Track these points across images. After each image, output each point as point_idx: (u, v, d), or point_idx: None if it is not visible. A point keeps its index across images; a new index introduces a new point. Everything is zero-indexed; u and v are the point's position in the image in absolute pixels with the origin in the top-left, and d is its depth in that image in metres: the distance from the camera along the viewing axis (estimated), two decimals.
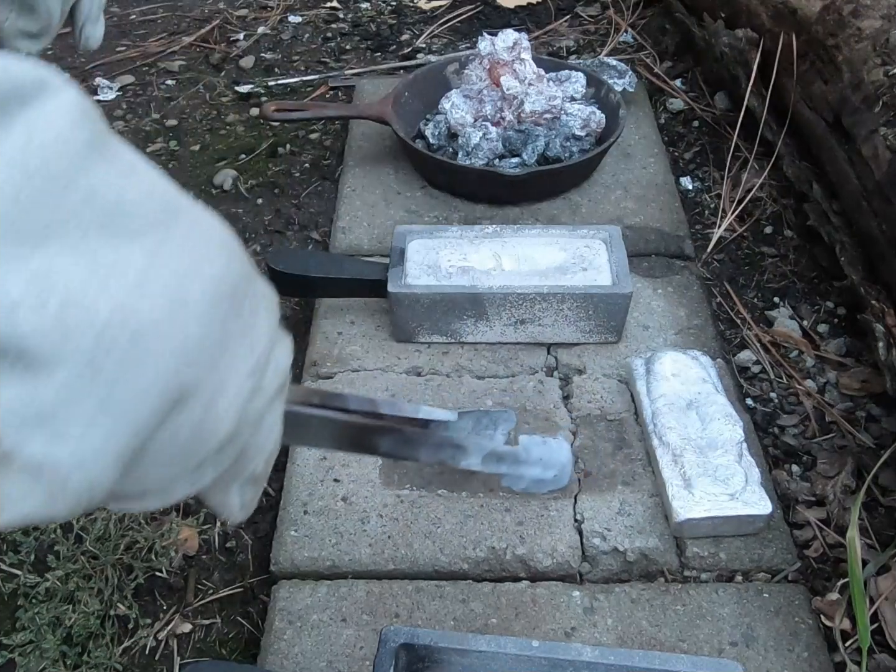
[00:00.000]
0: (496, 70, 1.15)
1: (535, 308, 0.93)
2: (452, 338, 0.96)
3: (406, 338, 0.96)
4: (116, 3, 1.75)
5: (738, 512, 0.77)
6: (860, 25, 1.05)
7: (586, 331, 0.95)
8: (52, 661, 0.73)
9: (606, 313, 0.94)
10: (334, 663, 0.70)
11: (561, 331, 0.95)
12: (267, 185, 1.26)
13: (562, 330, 0.95)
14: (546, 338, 0.96)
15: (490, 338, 0.96)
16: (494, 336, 0.96)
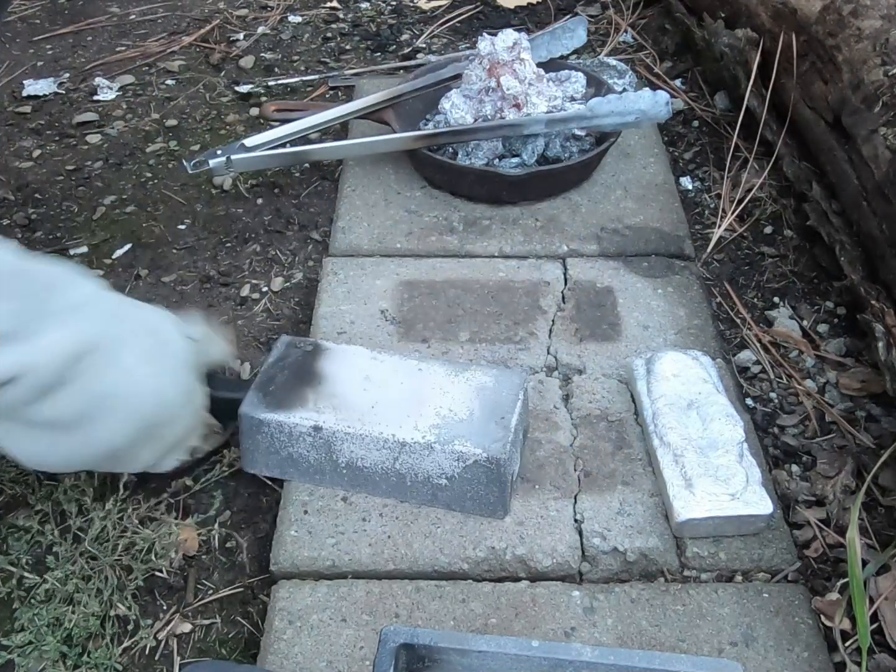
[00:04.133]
0: (496, 70, 1.14)
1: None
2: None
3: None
4: (116, 3, 1.75)
5: (739, 512, 0.77)
6: (860, 25, 1.05)
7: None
8: (51, 662, 0.73)
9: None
10: (334, 663, 0.70)
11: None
12: (267, 185, 1.26)
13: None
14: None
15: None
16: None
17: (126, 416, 0.75)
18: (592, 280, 1.05)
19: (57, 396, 0.70)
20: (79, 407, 0.72)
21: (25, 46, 1.62)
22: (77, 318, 0.71)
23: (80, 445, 0.75)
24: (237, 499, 0.87)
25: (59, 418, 0.72)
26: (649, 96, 1.13)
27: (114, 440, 0.75)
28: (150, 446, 0.79)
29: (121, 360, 0.74)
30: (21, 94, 1.47)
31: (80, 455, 0.76)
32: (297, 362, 0.85)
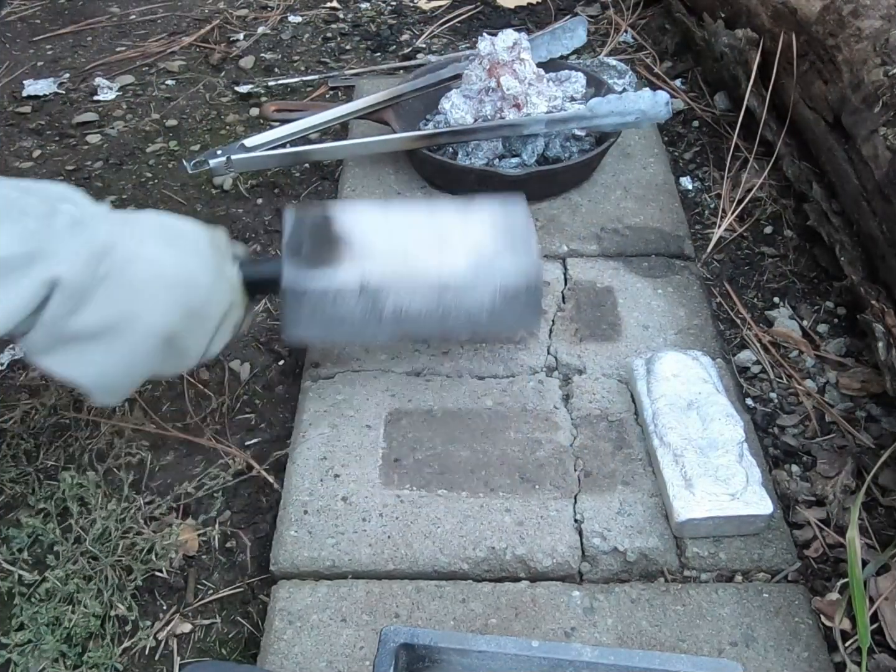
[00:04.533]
0: (496, 70, 1.14)
1: None
2: None
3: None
4: (116, 3, 1.75)
5: (739, 512, 0.77)
6: (860, 25, 1.05)
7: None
8: (51, 661, 0.73)
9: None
10: (334, 663, 0.70)
11: None
12: (267, 185, 1.26)
13: None
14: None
15: None
16: None
17: (163, 300, 0.76)
18: (592, 280, 1.05)
19: (93, 301, 0.72)
20: (116, 306, 0.74)
21: (25, 46, 1.62)
22: (87, 225, 0.73)
23: (130, 346, 0.76)
24: (237, 499, 0.87)
25: (103, 322, 0.74)
26: (649, 96, 1.14)
27: (159, 329, 0.76)
28: (198, 327, 0.80)
29: (142, 252, 0.76)
30: (21, 94, 1.48)
31: (134, 358, 0.77)
32: (315, 229, 0.86)
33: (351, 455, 0.85)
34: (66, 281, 0.70)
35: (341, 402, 0.91)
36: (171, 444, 0.91)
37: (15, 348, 1.02)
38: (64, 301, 0.71)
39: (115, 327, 0.75)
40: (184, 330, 0.79)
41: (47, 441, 0.92)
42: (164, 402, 0.95)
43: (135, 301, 0.75)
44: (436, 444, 0.87)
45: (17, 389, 0.97)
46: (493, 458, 0.85)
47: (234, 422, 0.94)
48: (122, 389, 0.81)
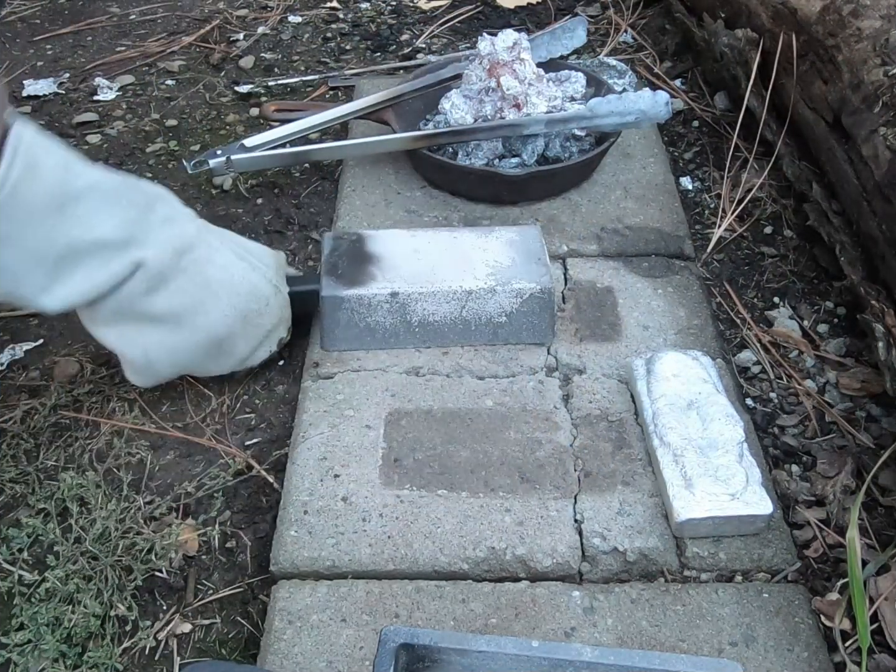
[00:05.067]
0: (496, 70, 1.15)
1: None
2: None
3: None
4: (116, 3, 1.75)
5: (739, 512, 0.77)
6: (860, 25, 1.05)
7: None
8: (50, 661, 0.73)
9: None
10: (334, 663, 0.70)
11: None
12: (267, 184, 1.26)
13: None
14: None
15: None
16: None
17: (226, 304, 0.86)
18: (592, 280, 1.05)
19: (167, 288, 0.83)
20: (185, 297, 0.84)
21: (25, 46, 1.62)
22: (177, 223, 0.84)
23: (186, 335, 0.86)
24: (237, 499, 0.87)
25: (169, 308, 0.84)
26: (649, 96, 1.14)
27: (217, 328, 0.87)
28: (246, 336, 0.90)
29: (216, 258, 0.86)
30: (21, 94, 1.48)
31: (186, 347, 0.87)
32: (350, 250, 0.99)
33: (351, 455, 0.86)
34: (150, 264, 0.81)
35: (341, 402, 0.91)
36: (171, 444, 0.91)
37: (15, 348, 1.02)
38: (144, 281, 0.81)
39: (180, 316, 0.85)
40: (236, 334, 0.89)
41: (47, 441, 0.92)
42: (164, 402, 0.95)
43: (204, 298, 0.85)
44: (436, 444, 0.87)
45: (17, 389, 0.97)
46: (493, 458, 0.85)
47: (234, 422, 0.94)
48: (160, 374, 0.90)
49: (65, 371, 0.98)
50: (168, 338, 0.86)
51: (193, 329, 0.86)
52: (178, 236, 0.83)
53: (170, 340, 0.86)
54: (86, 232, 0.77)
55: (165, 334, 0.85)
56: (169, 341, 0.86)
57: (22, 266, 0.77)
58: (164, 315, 0.84)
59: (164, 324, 0.85)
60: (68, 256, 0.78)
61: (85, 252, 0.78)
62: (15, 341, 1.03)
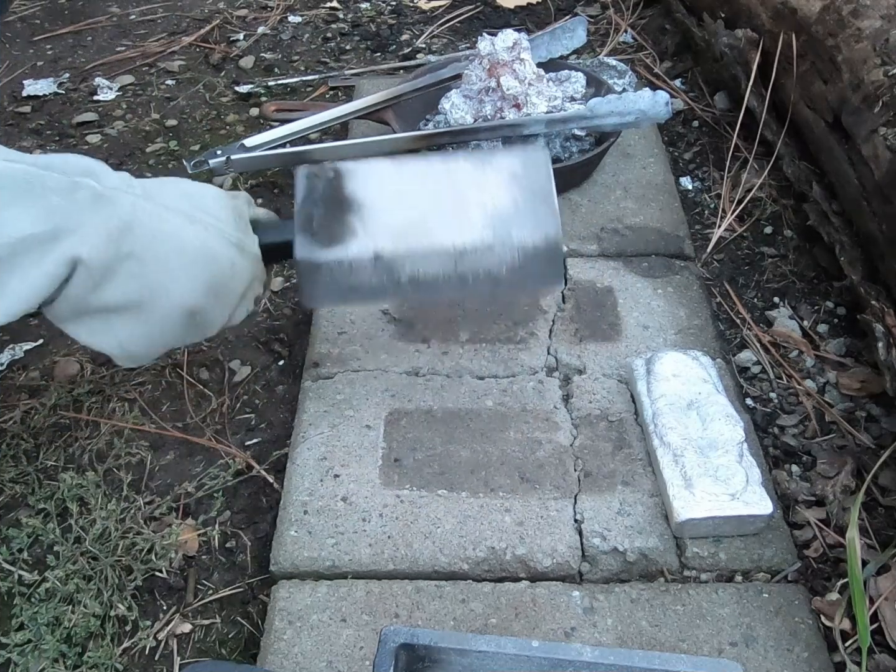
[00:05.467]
0: (496, 70, 1.14)
1: None
2: None
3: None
4: (116, 3, 1.75)
5: (739, 512, 0.77)
6: (860, 25, 1.05)
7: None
8: (50, 661, 0.73)
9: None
10: (334, 663, 0.70)
11: None
12: (267, 185, 1.26)
13: None
14: None
15: None
16: None
17: (186, 278, 0.77)
18: (592, 280, 1.05)
19: (115, 278, 0.74)
20: (138, 282, 0.75)
21: (25, 46, 1.62)
22: (108, 201, 0.73)
23: (153, 319, 0.77)
24: (237, 499, 0.87)
25: (125, 297, 0.75)
26: (649, 96, 1.14)
27: (183, 305, 0.78)
28: (217, 304, 0.81)
29: (164, 228, 0.76)
30: (21, 94, 1.48)
31: (158, 331, 0.79)
32: (327, 193, 0.84)
33: (351, 455, 0.85)
34: (88, 259, 0.71)
35: (341, 402, 0.91)
36: (171, 444, 0.91)
37: (15, 348, 1.02)
38: (87, 279, 0.72)
39: (138, 303, 0.76)
40: (206, 305, 0.80)
41: (47, 441, 0.92)
42: (164, 402, 0.95)
43: (157, 278, 0.76)
44: (436, 444, 0.87)
45: (17, 389, 0.97)
46: (493, 458, 0.85)
47: (234, 422, 0.94)
48: (145, 357, 0.83)
49: (65, 371, 0.98)
50: (137, 326, 0.78)
51: (159, 310, 0.78)
52: (111, 217, 0.73)
53: (139, 329, 0.78)
54: (2, 235, 0.68)
55: (132, 323, 0.78)
56: (139, 330, 0.78)
57: None
58: (123, 304, 0.76)
59: (126, 312, 0.77)
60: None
61: (11, 255, 0.69)
62: (15, 341, 1.03)
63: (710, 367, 0.90)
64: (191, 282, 0.78)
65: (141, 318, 0.77)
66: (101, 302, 0.74)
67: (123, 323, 0.77)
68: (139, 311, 0.77)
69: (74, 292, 0.72)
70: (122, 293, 0.75)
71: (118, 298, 0.75)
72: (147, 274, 0.75)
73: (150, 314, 0.77)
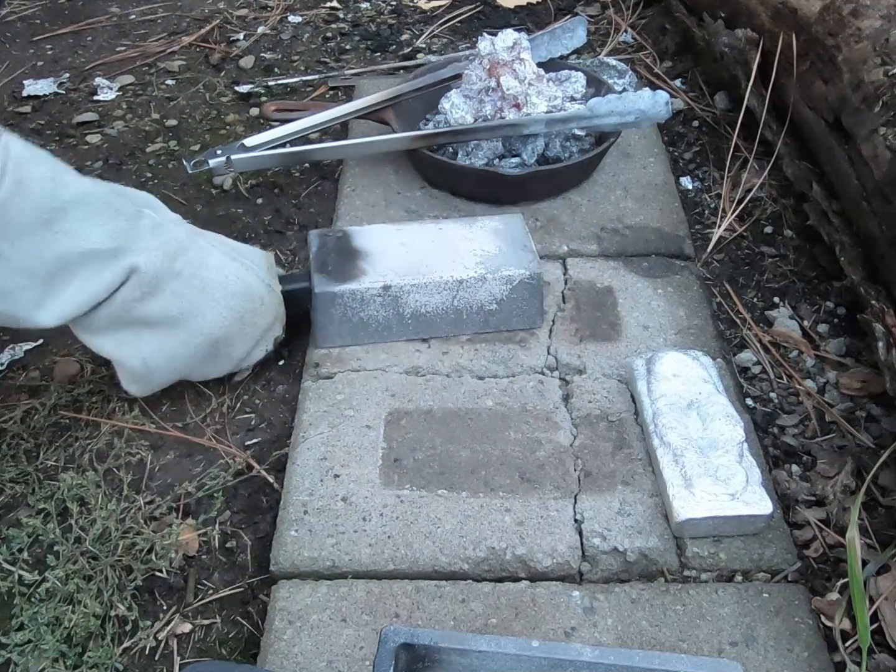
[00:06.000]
0: (496, 70, 1.14)
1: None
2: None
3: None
4: (116, 3, 1.75)
5: (739, 512, 0.77)
6: (860, 25, 1.05)
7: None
8: (50, 661, 0.73)
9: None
10: (334, 663, 0.70)
11: None
12: (267, 184, 1.26)
13: None
14: None
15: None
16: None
17: (223, 305, 0.87)
18: (592, 280, 1.05)
19: (162, 292, 0.83)
20: (182, 300, 0.84)
21: (25, 46, 1.62)
22: (166, 229, 0.84)
23: (184, 339, 0.86)
24: (237, 499, 0.87)
25: (166, 312, 0.84)
26: (649, 96, 1.14)
27: (214, 329, 0.87)
28: (242, 337, 0.90)
29: (209, 260, 0.87)
30: (21, 94, 1.48)
31: (184, 352, 0.87)
32: (337, 247, 0.99)
33: (351, 455, 0.86)
34: (143, 269, 0.80)
35: (341, 402, 0.91)
36: (171, 444, 0.91)
37: (15, 348, 1.02)
38: (138, 286, 0.81)
39: (176, 320, 0.85)
40: (233, 335, 0.89)
41: (47, 441, 0.92)
42: (164, 402, 0.95)
43: (198, 300, 0.85)
44: (436, 444, 0.87)
45: (17, 389, 0.97)
46: (493, 458, 0.85)
47: (234, 422, 0.94)
48: (157, 381, 0.90)
49: (65, 371, 0.98)
50: (166, 343, 0.85)
51: (191, 332, 0.86)
52: (169, 241, 0.83)
53: (168, 345, 0.86)
54: (75, 244, 0.77)
55: (163, 339, 0.85)
56: (167, 346, 0.86)
57: (13, 284, 0.76)
58: (160, 319, 0.84)
59: (161, 328, 0.84)
60: (60, 270, 0.77)
61: (76, 264, 0.77)
62: (15, 341, 1.03)
63: (710, 367, 0.90)
64: (226, 310, 0.87)
65: (172, 335, 0.85)
66: (143, 312, 0.83)
67: (153, 338, 0.85)
68: (173, 328, 0.85)
69: (122, 298, 0.80)
70: (164, 307, 0.83)
71: (158, 312, 0.83)
72: (191, 295, 0.84)
73: (182, 333, 0.85)
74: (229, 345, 0.89)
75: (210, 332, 0.87)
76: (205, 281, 0.85)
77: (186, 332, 0.86)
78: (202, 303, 0.85)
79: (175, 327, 0.85)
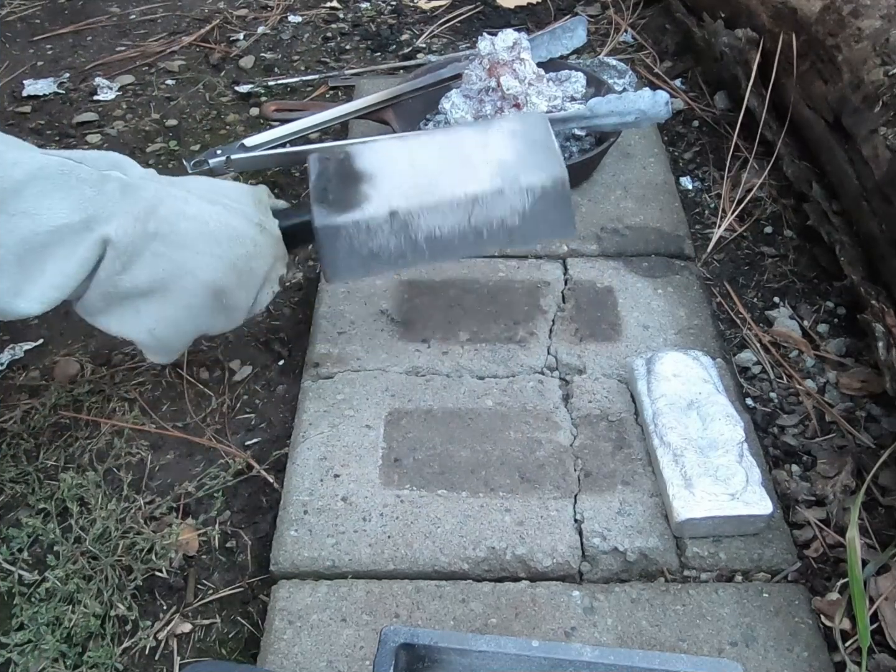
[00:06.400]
0: (496, 70, 1.15)
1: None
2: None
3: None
4: (116, 3, 1.75)
5: (739, 512, 0.77)
6: (860, 25, 1.05)
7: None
8: (50, 661, 0.73)
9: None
10: (334, 663, 0.70)
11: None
12: (267, 184, 1.25)
13: None
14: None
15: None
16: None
17: (210, 256, 0.80)
18: (592, 280, 1.05)
19: (142, 257, 0.77)
20: (165, 261, 0.78)
21: (25, 46, 1.62)
22: (134, 189, 0.77)
23: (181, 301, 0.80)
24: (237, 499, 0.87)
25: (153, 277, 0.78)
26: (649, 96, 1.14)
27: (208, 284, 0.81)
28: (242, 284, 0.84)
29: (187, 210, 0.80)
30: (21, 94, 1.48)
31: (186, 314, 0.82)
32: (339, 171, 0.88)
33: (351, 455, 0.86)
34: (116, 239, 0.75)
35: (341, 402, 0.91)
36: (171, 444, 0.91)
37: (15, 348, 1.02)
38: (116, 258, 0.76)
39: (165, 283, 0.79)
40: (231, 285, 0.82)
41: (47, 441, 0.92)
42: (164, 402, 0.95)
43: (182, 256, 0.79)
44: (436, 444, 0.87)
45: (17, 389, 0.97)
46: (493, 458, 0.85)
47: (234, 422, 0.94)
48: (175, 346, 0.86)
49: (65, 371, 0.98)
50: (164, 310, 0.81)
51: (185, 292, 0.80)
52: (136, 201, 0.77)
53: (168, 312, 0.81)
54: (38, 224, 0.72)
55: (160, 307, 0.80)
56: (168, 313, 0.81)
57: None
58: (151, 286, 0.79)
59: (154, 295, 0.79)
60: (29, 253, 0.72)
61: (46, 244, 0.73)
62: (15, 341, 1.03)
63: (710, 367, 0.90)
64: (214, 260, 0.80)
65: (168, 300, 0.80)
66: (131, 284, 0.78)
67: (151, 308, 0.80)
68: (166, 292, 0.79)
69: (104, 275, 0.76)
70: (150, 273, 0.78)
71: (145, 279, 0.78)
72: (172, 253, 0.78)
73: (177, 296, 0.80)
74: (232, 296, 0.83)
75: (205, 288, 0.81)
76: (184, 235, 0.79)
77: (180, 293, 0.80)
78: (186, 259, 0.79)
79: (167, 291, 0.79)
